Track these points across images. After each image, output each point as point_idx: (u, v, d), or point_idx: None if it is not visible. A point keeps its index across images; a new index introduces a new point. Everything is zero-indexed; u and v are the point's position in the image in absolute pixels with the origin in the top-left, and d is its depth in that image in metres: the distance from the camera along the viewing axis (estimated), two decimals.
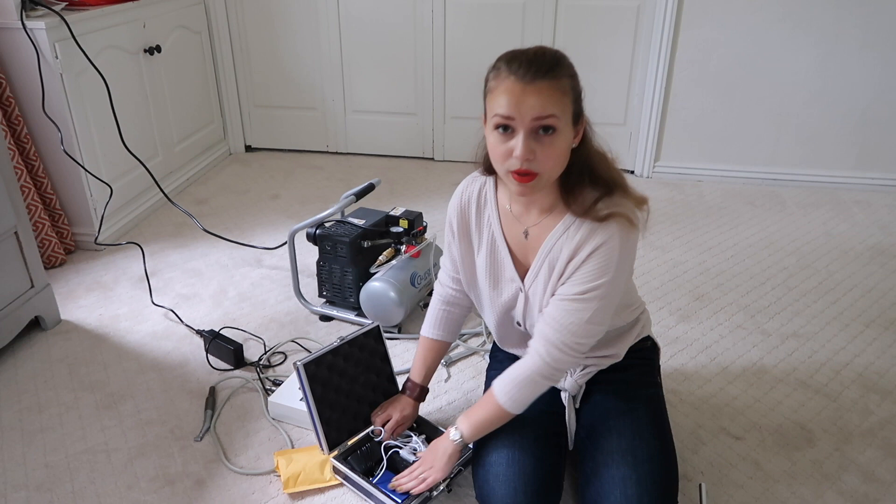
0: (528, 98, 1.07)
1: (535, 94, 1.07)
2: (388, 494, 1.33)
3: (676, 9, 2.79)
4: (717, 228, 2.63)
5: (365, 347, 1.53)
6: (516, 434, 1.26)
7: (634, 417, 1.27)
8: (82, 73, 2.29)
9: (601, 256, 1.15)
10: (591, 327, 1.19)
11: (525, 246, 1.27)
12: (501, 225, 1.29)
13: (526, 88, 1.07)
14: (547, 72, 1.08)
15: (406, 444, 1.46)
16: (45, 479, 1.46)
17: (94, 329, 2.00)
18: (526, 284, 1.27)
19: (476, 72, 3.12)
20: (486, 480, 1.24)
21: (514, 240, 1.28)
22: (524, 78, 1.07)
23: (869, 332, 1.96)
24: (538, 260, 1.24)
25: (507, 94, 1.09)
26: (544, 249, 1.23)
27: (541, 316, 1.24)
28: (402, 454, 1.43)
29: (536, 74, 1.07)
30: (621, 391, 1.34)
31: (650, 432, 1.25)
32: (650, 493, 1.16)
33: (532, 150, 1.09)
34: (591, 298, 1.17)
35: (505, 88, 1.09)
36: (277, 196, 2.95)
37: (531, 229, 1.25)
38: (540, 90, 1.07)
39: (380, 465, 1.41)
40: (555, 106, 1.08)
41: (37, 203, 2.24)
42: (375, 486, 1.35)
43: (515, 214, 1.27)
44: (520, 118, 1.08)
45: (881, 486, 1.44)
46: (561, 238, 1.20)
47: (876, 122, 2.85)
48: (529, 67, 1.08)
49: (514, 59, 1.11)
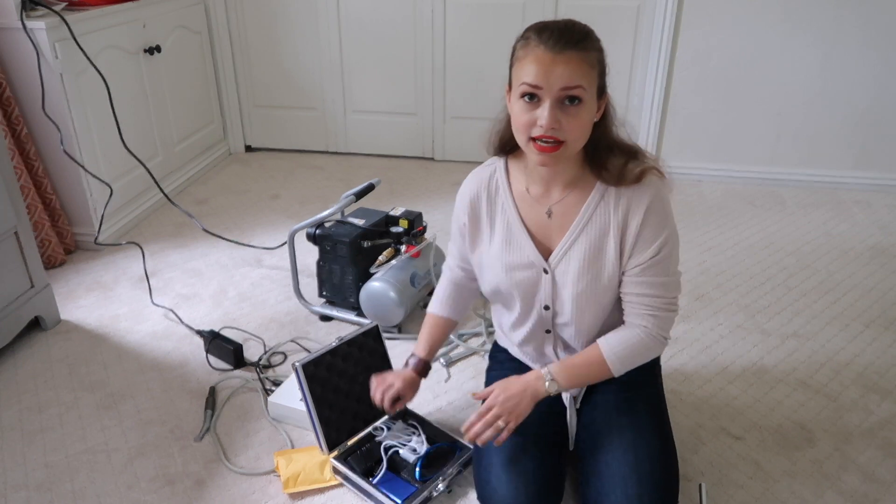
0: (558, 67, 1.08)
1: (564, 64, 1.08)
2: (387, 495, 1.33)
3: (676, 9, 2.79)
4: (717, 228, 2.63)
5: (364, 347, 1.53)
6: (518, 436, 1.25)
7: (635, 417, 1.27)
8: (82, 73, 2.29)
9: (655, 212, 1.18)
10: (674, 279, 1.23)
11: (548, 227, 1.26)
12: (518, 209, 1.28)
13: (556, 58, 1.08)
14: (577, 42, 1.09)
15: (406, 444, 1.46)
16: (45, 479, 1.46)
17: (94, 329, 2.00)
18: (552, 264, 1.26)
19: (476, 72, 3.13)
20: (488, 481, 1.23)
21: (533, 222, 1.27)
22: (554, 48, 1.08)
23: (869, 332, 1.96)
24: (570, 236, 1.23)
25: (536, 63, 1.09)
26: (579, 222, 1.22)
27: (627, 297, 1.23)
28: (402, 454, 1.43)
29: (567, 45, 1.08)
30: (622, 391, 1.34)
31: (651, 431, 1.25)
32: (651, 492, 1.16)
33: (557, 119, 1.10)
34: (665, 255, 1.20)
35: (534, 57, 1.09)
36: (277, 196, 2.95)
37: (555, 207, 1.24)
38: (569, 60, 1.08)
39: (380, 465, 1.41)
40: (583, 77, 1.09)
41: (37, 203, 2.24)
42: (375, 487, 1.35)
43: (534, 196, 1.26)
44: (547, 87, 1.09)
45: (881, 486, 1.44)
46: (598, 209, 1.21)
47: (876, 122, 2.85)
48: (560, 37, 1.08)
49: (544, 29, 1.10)
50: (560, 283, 1.26)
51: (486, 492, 1.23)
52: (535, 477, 1.21)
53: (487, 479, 1.24)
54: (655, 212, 1.18)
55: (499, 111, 1.26)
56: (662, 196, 1.19)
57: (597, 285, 1.24)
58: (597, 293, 1.24)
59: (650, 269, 1.20)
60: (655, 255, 1.19)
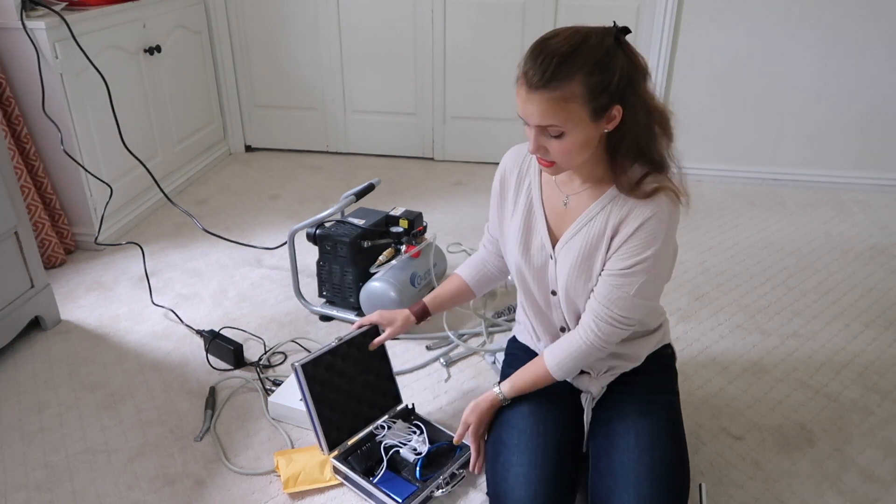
0: (530, 106, 1.09)
1: (535, 104, 1.08)
2: (388, 494, 1.33)
3: (676, 9, 2.79)
4: (717, 228, 2.63)
5: (363, 347, 1.53)
6: (540, 438, 1.27)
7: (653, 420, 1.27)
8: (82, 73, 2.29)
9: (647, 229, 1.16)
10: (638, 301, 1.20)
11: (563, 214, 1.28)
12: (542, 192, 1.30)
13: (529, 97, 1.09)
14: (549, 81, 1.06)
15: (406, 443, 1.46)
16: (45, 479, 1.46)
17: (94, 329, 2.00)
18: (556, 250, 1.28)
19: (476, 72, 3.13)
20: (506, 479, 1.23)
21: (552, 208, 1.29)
22: (528, 85, 1.08)
23: (869, 332, 1.96)
24: (574, 227, 1.25)
25: (518, 97, 1.11)
26: (584, 218, 1.24)
27: (591, 293, 1.25)
28: (403, 453, 1.44)
29: (538, 84, 1.07)
30: (641, 394, 1.34)
31: (668, 437, 1.25)
32: (662, 494, 1.16)
33: (542, 145, 1.13)
34: (638, 272, 1.18)
35: (518, 89, 1.11)
36: (277, 196, 2.95)
37: (572, 198, 1.26)
38: (540, 100, 1.07)
39: (380, 464, 1.41)
40: (555, 116, 1.08)
41: (37, 203, 2.24)
42: (376, 486, 1.35)
43: (558, 182, 1.28)
44: (525, 118, 1.12)
45: (881, 486, 1.44)
46: (603, 210, 1.22)
47: (876, 121, 2.85)
48: (535, 75, 1.07)
49: (529, 56, 1.09)
50: (559, 270, 1.28)
51: (503, 489, 1.23)
52: (554, 483, 1.21)
53: (505, 478, 1.23)
54: (649, 229, 1.16)
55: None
56: (665, 218, 1.16)
57: (585, 282, 1.25)
58: (585, 290, 1.26)
59: (618, 278, 1.20)
60: (628, 269, 1.18)
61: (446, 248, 2.43)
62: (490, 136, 3.25)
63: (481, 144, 3.29)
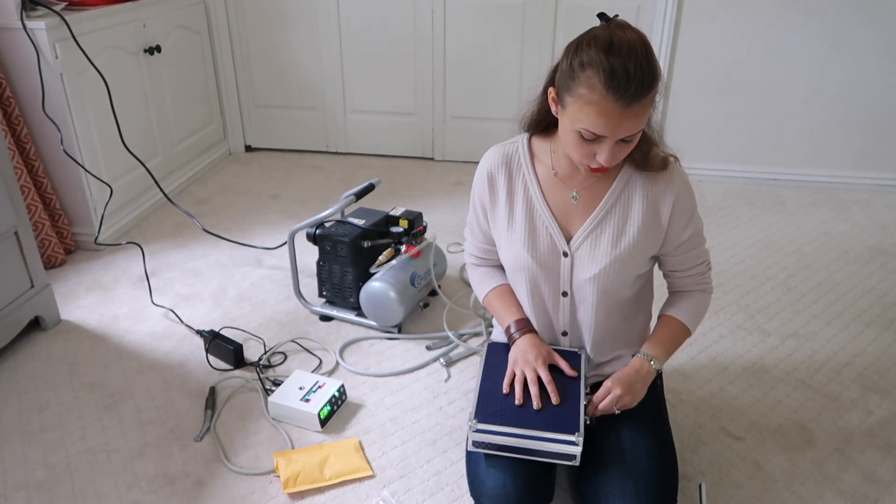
0: (626, 122, 1.05)
1: (632, 118, 1.05)
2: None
3: (676, 9, 2.79)
4: (717, 228, 2.63)
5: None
6: None
7: (634, 418, 1.27)
8: (82, 73, 2.29)
9: (683, 197, 1.24)
10: (706, 245, 1.35)
11: (572, 210, 1.26)
12: (542, 190, 1.28)
13: (624, 112, 1.04)
14: (650, 89, 1.04)
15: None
16: (45, 479, 1.46)
17: (94, 329, 2.00)
18: (573, 247, 1.26)
19: (476, 72, 3.13)
20: (476, 473, 1.24)
21: (558, 205, 1.27)
22: (623, 100, 1.02)
23: (869, 332, 1.96)
24: (594, 219, 1.24)
25: (603, 117, 1.04)
26: (604, 206, 1.24)
27: (673, 273, 1.34)
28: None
29: (638, 95, 1.03)
30: None
31: (649, 432, 1.25)
32: (649, 492, 1.16)
33: (616, 154, 1.11)
34: (698, 227, 1.30)
35: (601, 110, 1.04)
36: (277, 196, 2.95)
37: (581, 192, 1.25)
38: (637, 113, 1.05)
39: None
40: (644, 120, 1.09)
41: (37, 203, 2.24)
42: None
43: (562, 177, 1.26)
44: (612, 136, 1.07)
45: (881, 486, 1.44)
46: (623, 193, 1.23)
47: (876, 122, 2.85)
48: (635, 89, 1.02)
49: (613, 75, 1.01)
50: (580, 266, 1.26)
51: (476, 484, 1.24)
52: (523, 469, 1.21)
53: (476, 472, 1.24)
54: (683, 196, 1.24)
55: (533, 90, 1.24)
56: (685, 179, 1.25)
57: (620, 268, 1.25)
58: (619, 276, 1.25)
59: (690, 242, 1.29)
60: (694, 231, 1.28)
61: (446, 248, 2.43)
62: (490, 136, 3.24)
63: (481, 144, 3.27)
